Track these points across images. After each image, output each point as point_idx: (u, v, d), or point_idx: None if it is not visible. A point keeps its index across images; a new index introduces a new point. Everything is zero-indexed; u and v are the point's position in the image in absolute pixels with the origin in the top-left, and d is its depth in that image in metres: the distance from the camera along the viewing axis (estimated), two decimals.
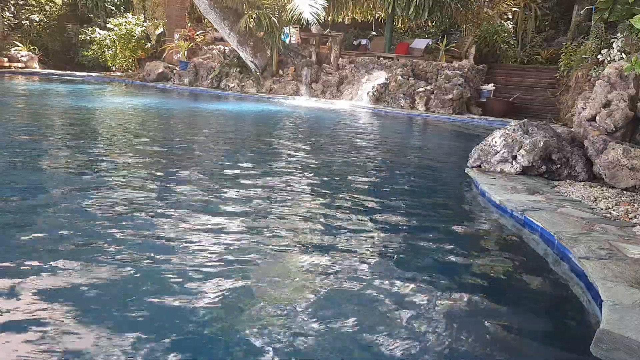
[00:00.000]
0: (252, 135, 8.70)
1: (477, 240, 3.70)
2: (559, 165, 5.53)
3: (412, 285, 2.73)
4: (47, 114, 9.00)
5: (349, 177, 5.30)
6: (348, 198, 4.43)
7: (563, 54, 13.20)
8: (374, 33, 20.08)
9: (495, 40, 15.96)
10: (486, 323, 2.41)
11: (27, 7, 21.65)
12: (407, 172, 6.09)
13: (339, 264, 2.93)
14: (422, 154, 7.97)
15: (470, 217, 4.31)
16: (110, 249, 2.87)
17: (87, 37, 20.58)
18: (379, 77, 14.82)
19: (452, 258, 3.21)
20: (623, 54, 7.73)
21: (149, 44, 20.19)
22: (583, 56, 11.50)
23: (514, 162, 5.56)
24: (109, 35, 19.68)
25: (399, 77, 14.41)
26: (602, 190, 4.84)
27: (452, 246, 3.44)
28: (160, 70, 17.85)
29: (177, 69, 17.90)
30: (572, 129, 6.45)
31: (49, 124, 7.86)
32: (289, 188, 4.62)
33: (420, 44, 16.58)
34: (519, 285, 2.97)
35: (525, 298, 2.79)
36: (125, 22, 19.82)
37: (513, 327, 2.43)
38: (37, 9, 21.76)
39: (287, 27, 16.83)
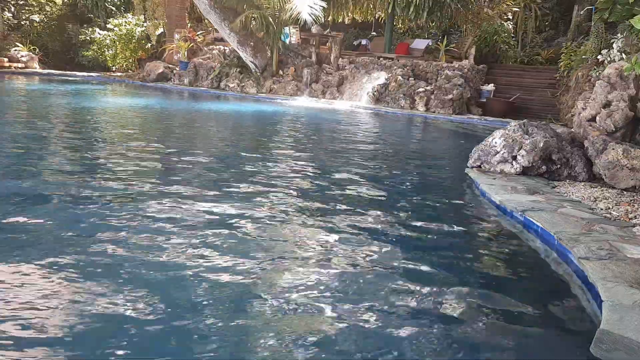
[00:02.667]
0: (252, 135, 8.71)
1: (477, 240, 3.70)
2: (559, 166, 5.53)
3: (411, 286, 2.73)
4: (47, 114, 9.00)
5: (349, 177, 5.30)
6: (347, 197, 4.43)
7: (563, 54, 13.21)
8: (374, 33, 20.08)
9: (495, 40, 15.98)
10: (485, 323, 2.41)
11: (27, 8, 21.65)
12: (407, 172, 6.09)
13: (337, 264, 2.93)
14: (422, 154, 7.98)
15: (470, 218, 4.31)
16: (102, 250, 2.87)
17: (87, 37, 20.59)
18: (379, 77, 14.82)
19: (451, 258, 3.21)
20: (623, 54, 7.73)
21: (149, 44, 20.19)
22: (583, 56, 11.50)
23: (514, 163, 5.56)
24: (109, 36, 19.69)
25: (399, 77, 14.42)
26: (602, 191, 4.84)
27: (451, 246, 3.44)
28: (160, 71, 17.86)
29: (177, 69, 17.90)
30: (572, 129, 6.45)
31: (48, 124, 7.86)
32: (288, 186, 4.61)
33: (420, 44, 16.58)
34: (519, 285, 2.97)
35: (525, 298, 2.79)
36: (126, 22, 19.83)
37: (512, 327, 2.43)
38: (37, 9, 21.76)
39: (287, 28, 16.84)
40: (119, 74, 19.70)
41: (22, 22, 21.36)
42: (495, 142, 5.81)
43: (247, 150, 6.77)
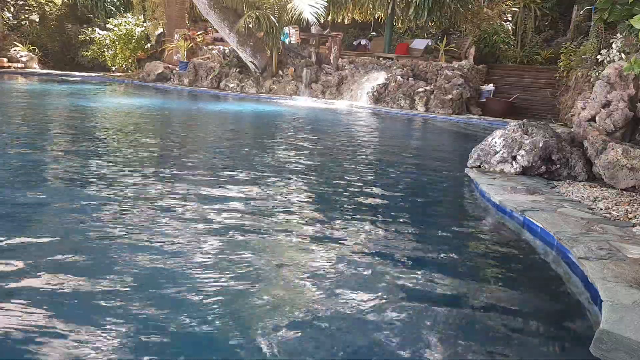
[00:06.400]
0: (251, 135, 8.71)
1: (477, 240, 3.70)
2: (558, 166, 5.54)
3: (410, 286, 2.73)
4: (47, 114, 8.99)
5: (348, 178, 5.31)
6: (347, 198, 4.43)
7: (563, 54, 13.21)
8: (374, 33, 20.07)
9: (495, 40, 15.97)
10: (485, 323, 2.41)
11: (27, 8, 21.62)
12: (407, 172, 6.09)
13: (336, 264, 2.93)
14: (422, 154, 7.98)
15: (469, 218, 4.31)
16: (103, 250, 2.87)
17: (87, 38, 20.57)
18: (379, 77, 14.81)
19: (451, 258, 3.21)
20: (622, 54, 7.73)
21: (148, 44, 20.16)
22: (583, 56, 11.50)
23: (513, 163, 5.56)
24: (109, 36, 19.65)
25: (399, 77, 14.41)
26: (601, 191, 4.84)
27: (451, 247, 3.44)
28: (159, 71, 17.83)
29: (176, 69, 17.88)
30: (571, 129, 6.45)
31: (48, 124, 7.85)
32: (288, 187, 4.62)
33: (419, 44, 16.57)
34: (519, 285, 2.97)
35: (525, 298, 2.79)
36: (125, 22, 19.79)
37: (512, 327, 2.43)
38: (37, 9, 21.73)
39: (287, 28, 16.83)
40: (118, 74, 19.67)
41: (21, 22, 21.32)
42: (495, 142, 5.81)
43: (247, 150, 6.77)
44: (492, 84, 14.64)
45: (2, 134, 6.37)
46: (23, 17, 21.40)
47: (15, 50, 19.07)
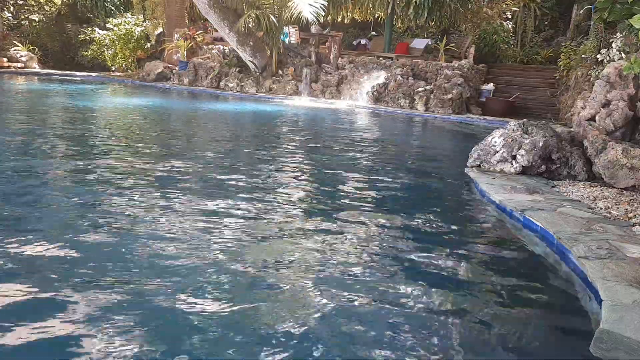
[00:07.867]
0: (251, 135, 8.70)
1: (477, 240, 3.70)
2: (558, 165, 5.54)
3: (410, 285, 2.73)
4: (47, 114, 8.99)
5: (348, 177, 5.30)
6: (346, 197, 4.43)
7: (562, 53, 13.22)
8: (374, 33, 20.07)
9: (495, 40, 15.97)
10: (485, 323, 2.41)
11: (26, 7, 21.61)
12: (406, 171, 6.08)
13: (335, 264, 2.93)
14: (422, 153, 7.98)
15: (469, 217, 4.31)
16: (102, 252, 2.87)
17: (87, 37, 20.57)
18: (379, 77, 14.81)
19: (450, 258, 3.20)
20: (622, 53, 7.74)
21: (148, 44, 20.16)
22: (582, 56, 11.51)
23: (513, 162, 5.56)
24: (109, 35, 19.65)
25: (399, 76, 14.41)
26: (601, 190, 4.84)
27: (450, 246, 3.44)
28: (159, 70, 17.83)
29: (176, 68, 17.87)
30: (571, 129, 6.45)
31: (48, 124, 7.85)
32: (286, 187, 4.62)
33: (419, 43, 16.57)
34: (518, 285, 2.97)
35: (524, 298, 2.79)
36: (125, 22, 19.79)
37: (512, 326, 2.43)
38: (37, 9, 21.72)
39: (287, 27, 16.84)
40: (118, 73, 19.67)
41: (21, 22, 21.31)
42: (495, 142, 5.81)
43: (246, 150, 6.77)
44: (492, 84, 14.65)
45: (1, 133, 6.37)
46: (23, 17, 21.38)
47: (15, 50, 19.07)
